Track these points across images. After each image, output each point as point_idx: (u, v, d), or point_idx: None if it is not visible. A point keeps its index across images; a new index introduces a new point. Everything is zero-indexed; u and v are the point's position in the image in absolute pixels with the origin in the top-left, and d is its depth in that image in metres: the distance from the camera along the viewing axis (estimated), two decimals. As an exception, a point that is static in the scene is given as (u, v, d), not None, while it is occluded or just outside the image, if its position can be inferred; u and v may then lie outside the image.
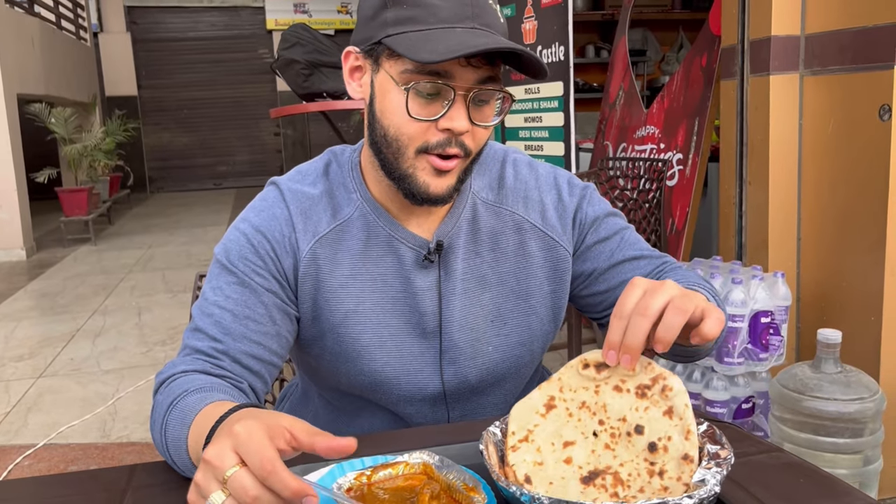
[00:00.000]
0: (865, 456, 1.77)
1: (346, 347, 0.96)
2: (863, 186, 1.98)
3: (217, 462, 0.59)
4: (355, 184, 0.97)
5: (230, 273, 0.93)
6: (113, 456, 2.42)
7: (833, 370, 1.80)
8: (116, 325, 4.04)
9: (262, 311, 0.92)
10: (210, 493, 0.59)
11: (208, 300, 0.92)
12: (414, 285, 0.96)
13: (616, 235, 1.04)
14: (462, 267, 0.98)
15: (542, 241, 1.01)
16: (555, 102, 3.06)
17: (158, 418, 0.83)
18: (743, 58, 2.26)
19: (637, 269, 1.02)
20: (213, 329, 0.90)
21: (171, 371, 0.88)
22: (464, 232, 0.98)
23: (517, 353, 1.02)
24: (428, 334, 0.98)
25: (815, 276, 2.19)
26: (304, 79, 3.13)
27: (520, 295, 1.01)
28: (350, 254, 0.95)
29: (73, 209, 6.80)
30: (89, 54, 9.86)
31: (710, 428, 0.71)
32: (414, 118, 0.86)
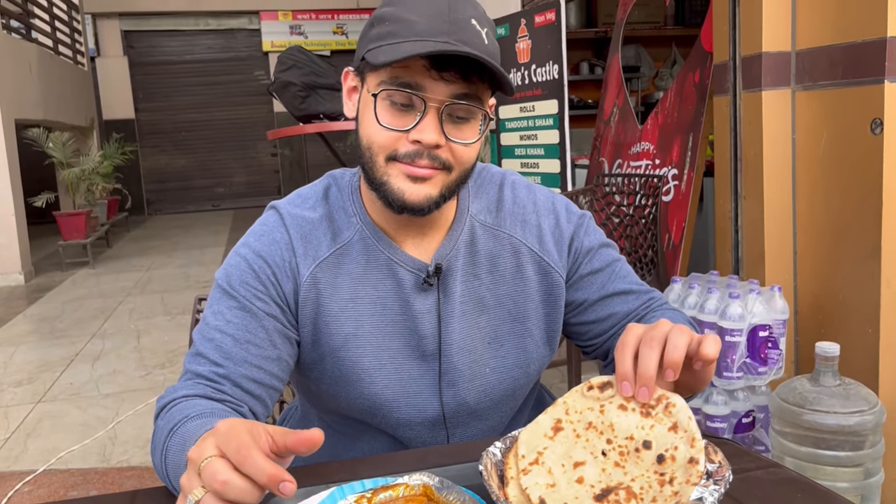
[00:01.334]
0: (866, 469, 1.77)
1: (345, 371, 0.96)
2: (857, 199, 1.99)
3: (195, 456, 0.61)
4: (355, 207, 0.98)
5: (231, 298, 0.93)
6: (113, 481, 2.41)
7: (832, 383, 1.80)
8: (115, 349, 4.04)
9: (263, 336, 0.92)
10: (191, 490, 0.60)
11: (209, 325, 0.93)
12: (413, 308, 0.96)
13: (608, 267, 1.05)
14: (461, 289, 0.98)
15: (538, 266, 1.02)
16: (550, 120, 3.08)
17: (159, 444, 0.83)
18: (735, 74, 2.28)
19: (626, 302, 1.04)
20: (215, 353, 0.91)
21: (172, 396, 0.88)
22: (462, 254, 0.98)
23: (514, 374, 1.02)
24: (427, 357, 0.98)
25: (811, 288, 2.20)
26: (300, 101, 3.15)
27: (516, 317, 1.01)
28: (350, 277, 0.96)
29: (72, 233, 6.80)
30: (87, 78, 9.92)
31: (707, 445, 0.71)
32: (384, 126, 0.87)
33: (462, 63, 0.84)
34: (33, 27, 7.79)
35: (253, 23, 11.27)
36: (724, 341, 1.97)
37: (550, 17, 2.97)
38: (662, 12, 6.14)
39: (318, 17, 11.28)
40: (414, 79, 0.85)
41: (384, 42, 0.85)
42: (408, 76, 0.85)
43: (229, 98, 11.47)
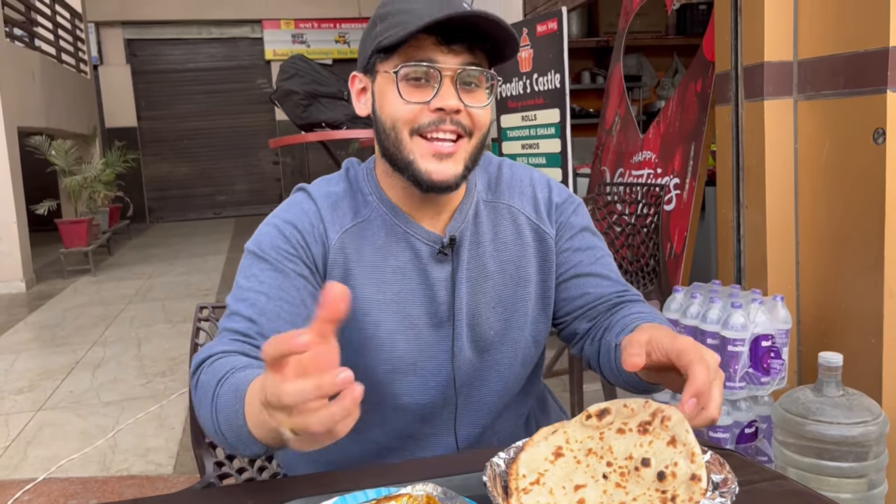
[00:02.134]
0: (870, 480, 1.76)
1: (369, 335, 1.01)
2: (859, 209, 1.99)
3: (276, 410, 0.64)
4: (371, 187, 1.05)
5: (262, 260, 0.98)
6: (113, 489, 2.40)
7: (835, 393, 1.79)
8: (116, 357, 4.03)
9: (295, 294, 0.97)
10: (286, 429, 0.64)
11: (242, 287, 0.98)
12: (431, 277, 1.03)
13: (589, 251, 1.11)
14: (468, 258, 1.05)
15: (534, 233, 1.09)
16: (551, 129, 3.08)
17: (206, 395, 0.85)
18: (737, 83, 2.29)
19: (599, 286, 1.09)
20: (249, 310, 0.95)
21: (210, 352, 0.91)
22: (469, 227, 1.06)
23: (514, 336, 1.08)
24: (442, 323, 1.04)
25: (814, 298, 2.20)
26: (302, 109, 3.16)
27: (517, 281, 1.08)
28: (372, 248, 1.02)
29: (73, 240, 6.81)
30: (89, 87, 9.95)
31: (713, 457, 0.71)
32: (406, 101, 0.93)
33: (466, 35, 0.92)
34: (36, 35, 7.82)
35: (255, 31, 11.31)
36: (726, 351, 1.96)
37: (552, 27, 2.98)
38: (664, 22, 6.15)
39: (320, 25, 11.32)
40: (426, 55, 0.92)
41: (392, 31, 0.93)
42: (420, 54, 0.93)
43: (231, 106, 11.50)
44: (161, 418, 3.04)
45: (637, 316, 1.03)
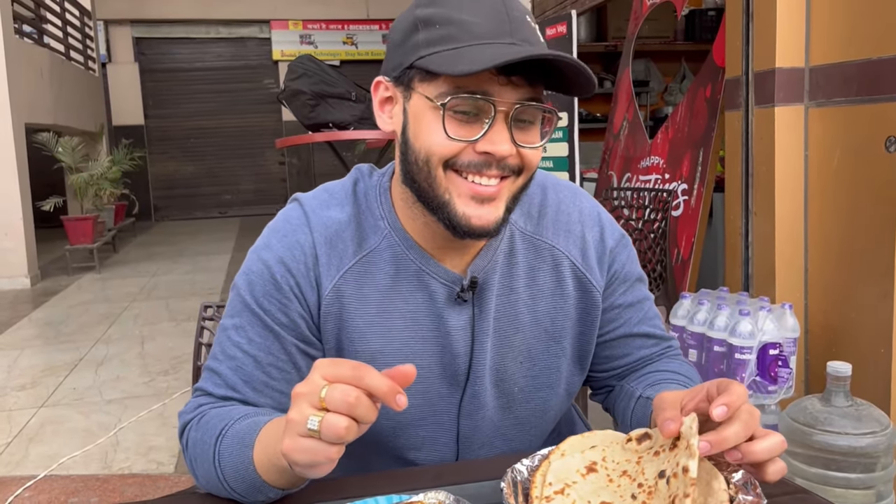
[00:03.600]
0: (878, 491, 1.74)
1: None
2: (870, 217, 1.97)
3: (307, 389, 0.64)
4: (383, 210, 0.90)
5: (253, 315, 0.87)
6: (114, 488, 2.40)
7: (844, 403, 1.77)
8: (119, 355, 4.03)
9: (286, 359, 0.88)
10: (307, 419, 0.63)
11: (230, 339, 0.88)
12: (447, 324, 0.89)
13: (639, 304, 0.99)
14: (496, 305, 0.91)
15: (578, 282, 0.95)
16: (559, 133, 3.07)
17: (205, 454, 0.81)
18: (747, 89, 2.27)
19: (645, 347, 1.00)
20: (233, 376, 0.88)
21: (192, 414, 0.87)
22: (500, 267, 0.91)
23: (543, 395, 0.95)
24: (458, 378, 0.91)
25: (822, 307, 2.18)
26: (309, 109, 3.15)
27: (552, 336, 0.94)
28: (377, 289, 0.88)
29: (79, 237, 6.81)
30: (97, 84, 9.97)
31: (745, 476, 0.69)
32: (452, 138, 0.78)
33: (529, 66, 0.77)
34: (45, 32, 7.84)
35: (263, 32, 11.33)
36: (733, 359, 1.94)
37: (562, 30, 2.96)
38: (673, 27, 6.14)
39: (328, 27, 11.33)
40: (481, 87, 0.77)
41: (441, 48, 0.78)
42: (473, 85, 0.77)
43: (238, 106, 11.52)
44: (164, 417, 3.04)
45: (667, 374, 0.96)
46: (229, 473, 0.79)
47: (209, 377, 0.89)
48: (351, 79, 3.53)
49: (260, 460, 0.76)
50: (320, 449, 0.64)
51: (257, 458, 0.76)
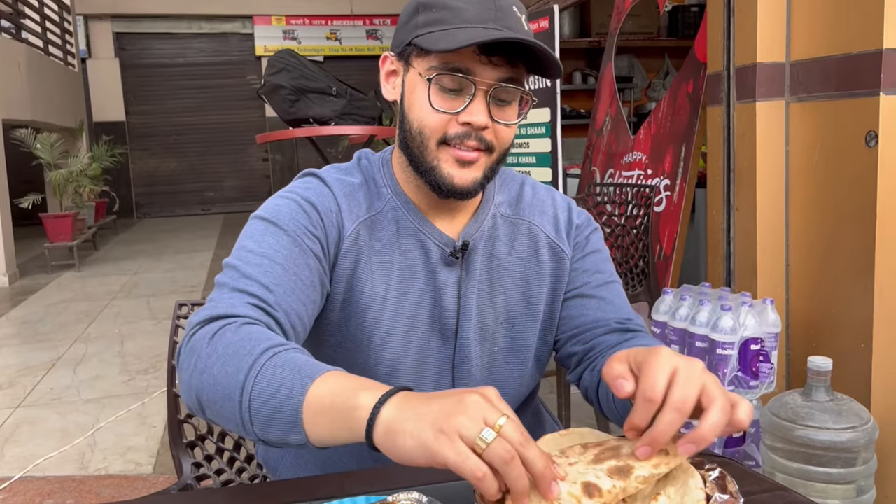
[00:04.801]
0: (858, 486, 1.74)
1: (370, 333, 0.98)
2: (850, 212, 1.97)
3: (489, 408, 0.63)
4: (386, 179, 1.02)
5: (280, 230, 0.92)
6: (91, 489, 2.36)
7: (824, 398, 1.77)
8: (98, 353, 3.97)
9: (308, 274, 0.91)
10: (482, 429, 0.61)
11: (253, 251, 0.89)
12: (439, 280, 1.00)
13: (598, 274, 1.07)
14: (481, 268, 1.02)
15: (552, 252, 1.07)
16: (542, 128, 3.06)
17: (238, 358, 0.75)
18: (729, 84, 2.26)
19: (600, 310, 1.05)
20: (265, 277, 0.87)
21: (231, 311, 0.82)
22: (485, 236, 1.03)
23: (520, 357, 1.05)
24: (446, 331, 1.01)
25: (804, 302, 2.18)
26: (290, 104, 3.11)
27: (528, 299, 1.05)
28: (382, 242, 0.99)
29: (58, 235, 6.73)
30: (77, 80, 9.85)
31: (721, 474, 0.68)
32: (436, 109, 0.91)
33: (509, 49, 0.89)
34: (24, 27, 7.73)
35: (246, 27, 11.24)
36: (715, 354, 1.94)
37: (544, 25, 2.95)
38: (656, 23, 6.15)
39: (311, 22, 11.25)
40: (465, 64, 0.89)
41: (435, 28, 0.90)
42: (459, 61, 0.89)
43: (221, 102, 11.42)
44: (142, 417, 3.00)
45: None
46: (264, 391, 0.72)
47: (240, 280, 0.86)
48: (334, 75, 3.50)
49: (319, 398, 0.70)
50: (478, 462, 0.61)
51: (317, 394, 0.70)
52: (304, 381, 0.72)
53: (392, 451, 0.65)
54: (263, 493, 0.84)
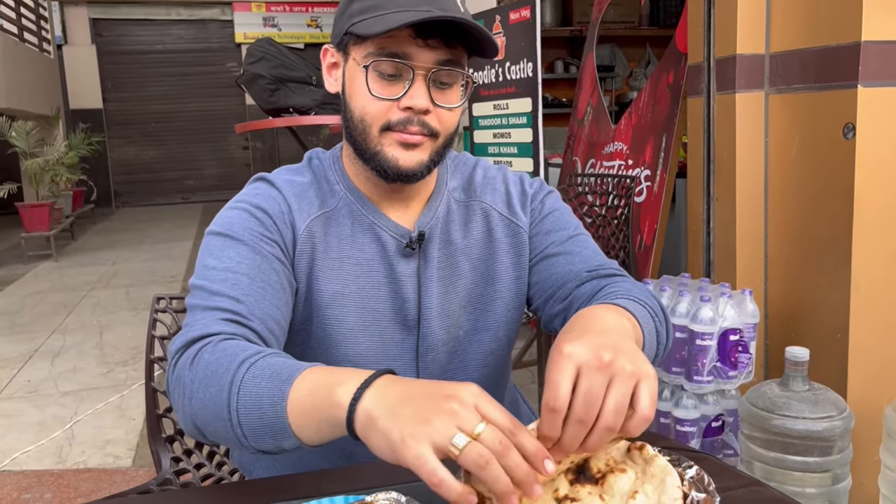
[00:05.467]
0: (834, 474, 1.77)
1: (330, 331, 0.97)
2: (828, 204, 1.98)
3: (465, 415, 0.61)
4: (338, 176, 1.02)
5: (237, 242, 0.92)
6: (69, 483, 2.34)
7: (801, 388, 1.79)
8: (77, 345, 3.93)
9: (275, 278, 0.92)
10: (454, 434, 0.60)
11: (215, 268, 0.90)
12: (396, 272, 0.99)
13: (562, 231, 1.07)
14: (438, 255, 1.02)
15: (507, 228, 1.06)
16: (523, 118, 3.05)
17: (219, 377, 0.76)
18: (709, 75, 2.27)
19: (570, 264, 1.04)
20: (233, 291, 0.87)
21: (205, 331, 0.83)
22: (440, 223, 1.03)
23: (483, 337, 1.05)
24: (408, 322, 1.01)
25: (782, 293, 2.20)
26: (269, 94, 3.08)
27: (487, 280, 1.05)
28: (338, 239, 0.99)
29: (35, 225, 6.63)
30: (53, 67, 9.69)
31: (698, 473, 0.68)
32: (376, 97, 0.90)
33: (445, 30, 0.88)
34: (-3, 13, 7.58)
35: (226, 14, 11.10)
36: (694, 345, 1.95)
37: (525, 14, 2.94)
38: (637, 12, 6.14)
39: (291, 9, 11.14)
40: (401, 48, 0.89)
41: (369, 15, 0.89)
42: (395, 46, 0.89)
43: (200, 89, 11.29)
44: (121, 409, 2.97)
45: (609, 299, 0.93)
46: (248, 405, 0.73)
47: (208, 299, 0.87)
48: (315, 62, 3.46)
49: (300, 402, 0.71)
50: (439, 467, 0.60)
51: (297, 397, 0.71)
52: (283, 387, 0.72)
53: (369, 446, 0.66)
54: (241, 492, 0.84)
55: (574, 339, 0.67)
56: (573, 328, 0.73)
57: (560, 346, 0.67)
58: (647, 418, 0.65)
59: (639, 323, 0.84)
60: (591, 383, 0.64)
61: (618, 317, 0.79)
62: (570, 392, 0.64)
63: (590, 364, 0.65)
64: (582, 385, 0.64)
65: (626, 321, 0.80)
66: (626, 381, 0.64)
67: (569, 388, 0.64)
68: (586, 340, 0.67)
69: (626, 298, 0.90)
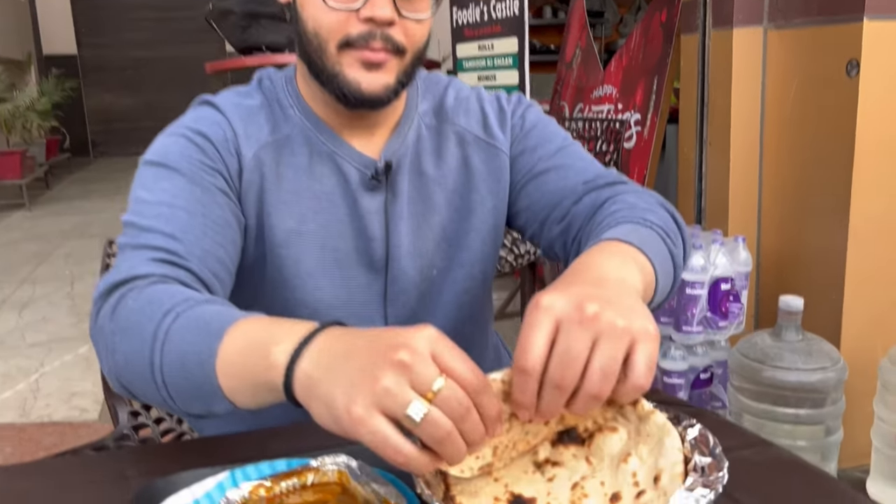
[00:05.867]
0: (827, 426, 1.71)
1: (287, 273, 0.87)
2: (827, 146, 1.89)
3: (420, 369, 0.49)
4: (291, 99, 0.90)
5: (173, 171, 0.80)
6: (31, 437, 2.25)
7: (794, 338, 1.73)
8: (47, 296, 3.81)
9: (219, 213, 0.80)
10: (408, 403, 0.49)
11: (148, 202, 0.78)
12: (361, 207, 0.88)
13: (548, 144, 0.95)
14: (409, 189, 0.91)
15: (484, 153, 0.95)
16: (509, 59, 2.92)
17: (142, 329, 0.65)
18: (705, 10, 2.14)
19: (563, 179, 0.92)
20: (168, 226, 0.76)
21: (132, 272, 0.71)
22: (410, 152, 0.92)
23: (457, 275, 0.95)
24: (375, 263, 0.90)
25: (775, 241, 2.11)
26: (241, 31, 2.91)
27: (463, 214, 0.95)
28: (293, 169, 0.87)
29: (6, 173, 6.43)
30: (24, 10, 9.34)
31: (702, 433, 0.58)
32: (331, 6, 0.79)
33: None
34: (-40, -50, 7.24)
35: (203, -45, 10.72)
36: (684, 294, 1.87)
37: (512, -52, 2.77)
38: (629, -46, 5.94)
39: (272, -49, 10.77)
40: None
41: None
42: None
43: (180, 35, 10.93)
44: (89, 361, 2.87)
45: (611, 223, 0.80)
46: (172, 362, 0.63)
47: (139, 235, 0.75)
48: None
49: (230, 361, 0.60)
50: (400, 443, 0.50)
51: (228, 356, 0.60)
52: (211, 341, 0.61)
53: (312, 416, 0.54)
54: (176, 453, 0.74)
55: (555, 291, 0.56)
56: (562, 279, 0.62)
57: (538, 298, 0.56)
58: (642, 387, 0.54)
59: (648, 258, 0.71)
60: (570, 341, 0.53)
61: (621, 262, 0.67)
62: (546, 352, 0.53)
63: (570, 318, 0.53)
64: (560, 343, 0.53)
65: (632, 265, 0.67)
66: (615, 339, 0.53)
67: (543, 346, 0.53)
68: (570, 292, 0.55)
69: (631, 223, 0.77)
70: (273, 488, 0.58)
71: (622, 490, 0.55)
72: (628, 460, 0.56)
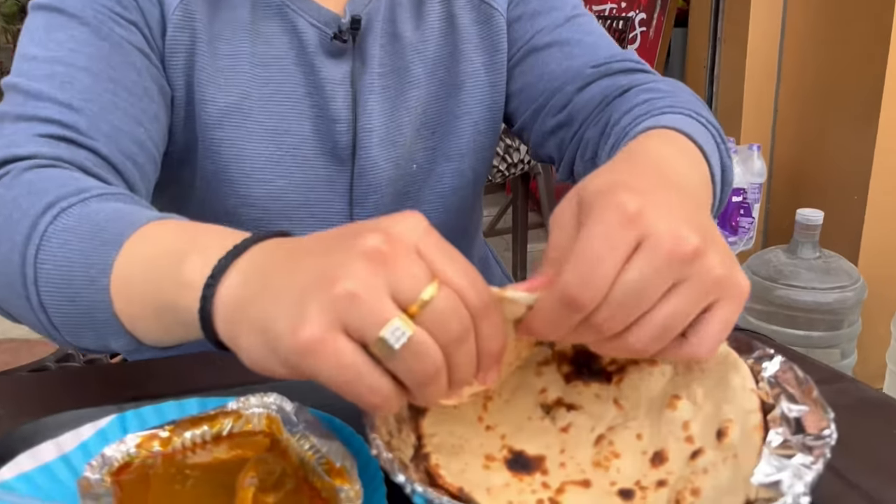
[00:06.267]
0: (842, 350, 1.59)
1: (224, 164, 0.67)
2: (857, 43, 1.70)
3: (403, 262, 0.33)
4: None
5: (72, 19, 0.59)
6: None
7: (811, 255, 1.59)
8: None
9: (135, 78, 0.60)
10: (384, 319, 0.32)
11: (38, 59, 0.58)
12: (320, 77, 0.69)
13: (554, 11, 0.73)
14: (381, 54, 0.71)
15: (475, 12, 0.74)
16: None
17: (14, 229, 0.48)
18: None
19: (568, 57, 0.71)
20: (64, 93, 0.56)
21: (12, 152, 0.53)
22: (383, 7, 0.71)
23: (444, 170, 0.76)
24: (339, 150, 0.71)
25: (791, 149, 1.95)
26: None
27: (451, 90, 0.74)
28: (232, 26, 0.67)
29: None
30: None
31: (784, 368, 0.39)
32: None
33: None
34: None
35: None
36: (692, 206, 1.72)
37: None
38: None
39: None
40: None
41: None
42: None
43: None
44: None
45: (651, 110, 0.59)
46: (51, 276, 0.46)
47: (25, 103, 0.56)
48: None
49: (129, 278, 0.44)
50: (376, 378, 0.33)
51: (125, 272, 0.44)
52: (107, 251, 0.44)
53: (239, 356, 0.37)
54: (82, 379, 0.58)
55: (637, 192, 0.36)
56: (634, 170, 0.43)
57: (619, 196, 0.36)
58: (699, 356, 0.37)
59: (707, 161, 0.53)
60: (645, 280, 0.35)
61: (691, 163, 0.50)
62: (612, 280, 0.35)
63: (660, 247, 0.35)
64: (629, 277, 0.35)
65: (702, 166, 0.51)
66: (701, 292, 0.36)
67: (613, 277, 0.35)
68: (662, 203, 0.37)
69: (681, 114, 0.57)
70: (172, 440, 0.42)
71: (667, 446, 0.39)
72: (676, 405, 0.39)
